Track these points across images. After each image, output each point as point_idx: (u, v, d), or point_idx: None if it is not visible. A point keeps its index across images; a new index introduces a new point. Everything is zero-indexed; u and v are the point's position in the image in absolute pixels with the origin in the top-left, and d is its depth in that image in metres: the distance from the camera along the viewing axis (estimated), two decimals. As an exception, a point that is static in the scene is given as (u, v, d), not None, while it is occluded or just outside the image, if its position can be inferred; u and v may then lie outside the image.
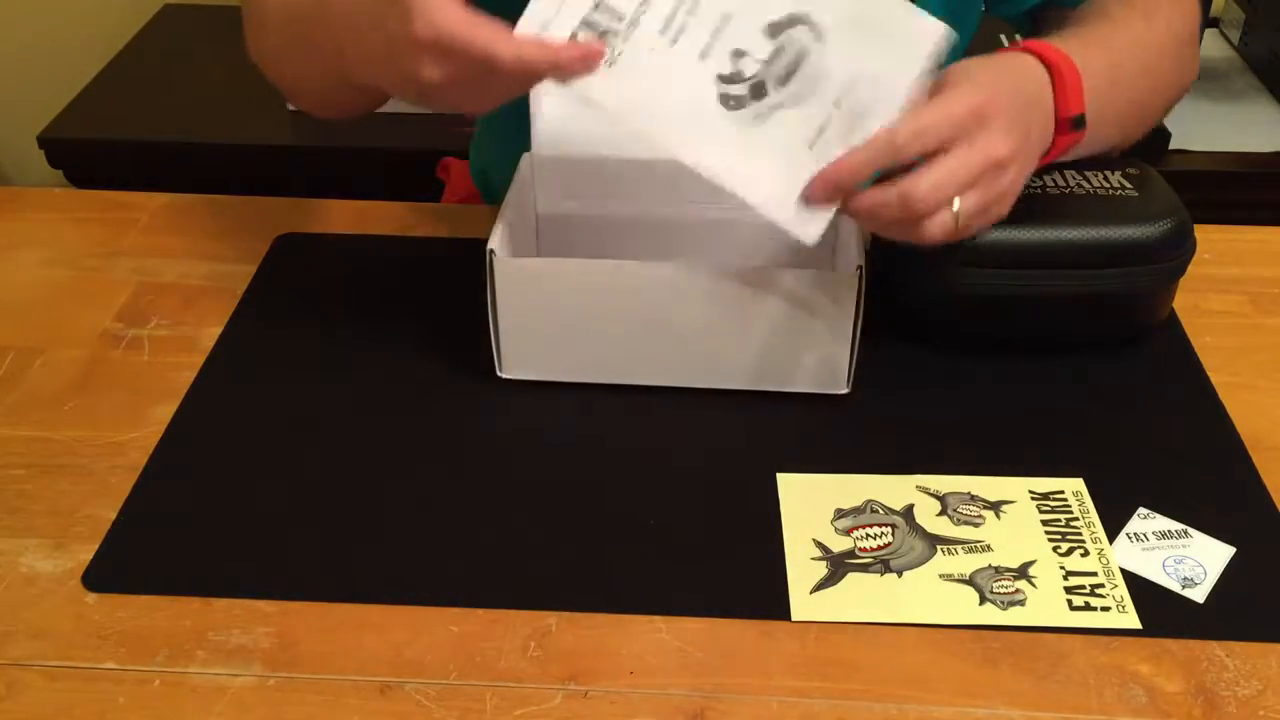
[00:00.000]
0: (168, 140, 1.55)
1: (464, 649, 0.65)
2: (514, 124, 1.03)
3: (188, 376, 0.83)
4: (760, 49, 0.68)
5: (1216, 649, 0.65)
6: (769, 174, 0.68)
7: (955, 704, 0.62)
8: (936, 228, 0.70)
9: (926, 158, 0.68)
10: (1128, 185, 0.84)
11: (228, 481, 0.75)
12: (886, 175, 0.69)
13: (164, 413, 0.80)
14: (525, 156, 0.88)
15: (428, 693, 0.63)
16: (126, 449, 0.77)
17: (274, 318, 0.89)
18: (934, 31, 0.67)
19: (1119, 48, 0.82)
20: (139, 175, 1.22)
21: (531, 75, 0.65)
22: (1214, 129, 1.55)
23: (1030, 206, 0.82)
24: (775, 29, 0.68)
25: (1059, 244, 0.80)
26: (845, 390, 0.81)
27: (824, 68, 0.68)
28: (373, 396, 0.81)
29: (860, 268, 0.75)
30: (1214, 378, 0.84)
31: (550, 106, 0.86)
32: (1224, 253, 0.97)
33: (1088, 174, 0.85)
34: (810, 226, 0.69)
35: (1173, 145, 1.50)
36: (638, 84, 0.67)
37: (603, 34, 0.66)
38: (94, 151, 1.56)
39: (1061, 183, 0.84)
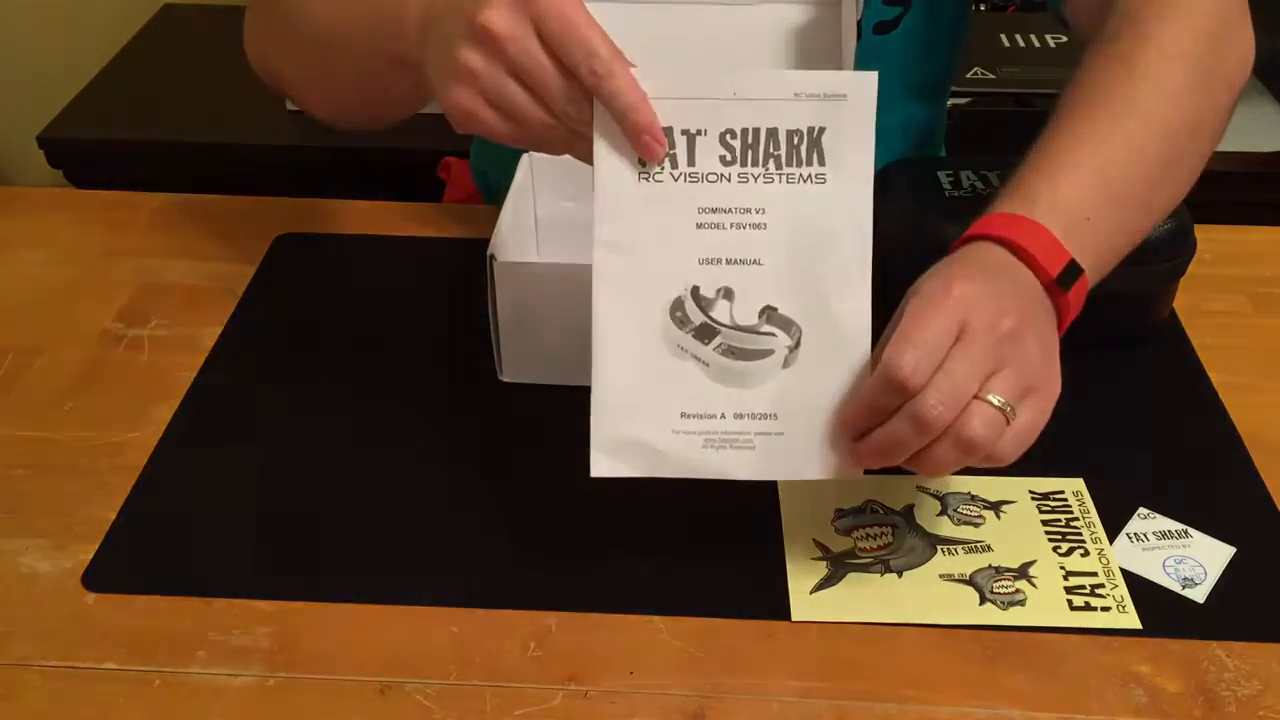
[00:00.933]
0: (168, 140, 1.55)
1: (464, 649, 0.65)
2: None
3: (188, 376, 0.83)
4: (745, 313, 0.62)
5: (1216, 649, 0.65)
6: (633, 389, 0.62)
7: (955, 704, 0.62)
8: (979, 427, 0.58)
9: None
10: None
11: (228, 481, 0.75)
12: None
13: (164, 413, 0.80)
14: (525, 157, 0.88)
15: (428, 693, 0.63)
16: (126, 449, 0.77)
17: (274, 318, 0.89)
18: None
19: (1109, 146, 0.67)
20: (139, 175, 1.22)
21: (606, 96, 0.59)
22: (1214, 129, 1.54)
23: None
24: (770, 314, 0.62)
25: None
26: None
27: (768, 385, 0.62)
28: (373, 397, 0.81)
29: None
30: (1214, 378, 0.84)
31: None
32: (1224, 253, 0.97)
33: None
34: (604, 458, 0.63)
35: (1173, 145, 1.50)
36: (636, 207, 0.62)
37: (669, 153, 0.61)
38: (94, 151, 1.56)
39: None
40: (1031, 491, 0.74)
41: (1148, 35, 0.71)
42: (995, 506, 0.73)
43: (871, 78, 0.62)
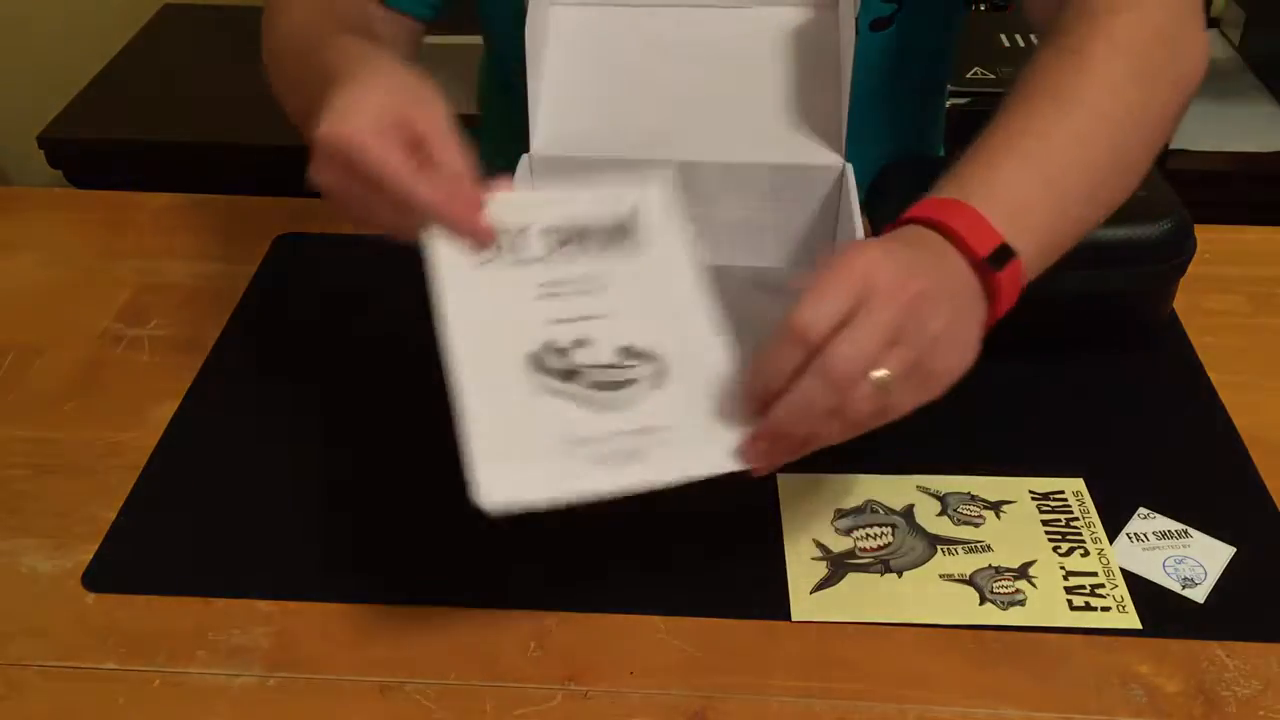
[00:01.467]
0: (168, 140, 1.55)
1: (464, 649, 0.65)
2: (514, 126, 1.02)
3: (188, 376, 0.83)
4: (603, 355, 0.64)
5: (1216, 649, 0.65)
6: (512, 429, 0.61)
7: (955, 704, 0.62)
8: (863, 402, 0.57)
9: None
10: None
11: (228, 481, 0.75)
12: None
13: (164, 413, 0.80)
14: (525, 157, 0.88)
15: (428, 693, 0.63)
16: (126, 449, 0.77)
17: (274, 318, 0.89)
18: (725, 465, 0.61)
19: (1052, 136, 0.67)
20: (139, 175, 1.22)
21: (420, 210, 0.65)
22: (1214, 129, 1.55)
23: None
24: (628, 351, 0.64)
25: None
26: None
27: (644, 405, 0.62)
28: (373, 396, 0.81)
29: None
30: (1214, 378, 0.84)
31: (549, 108, 0.86)
32: (1224, 253, 0.97)
33: None
34: (495, 492, 0.59)
35: (1173, 145, 1.50)
36: (477, 286, 0.65)
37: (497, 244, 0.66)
38: (94, 151, 1.56)
39: None
40: (1031, 491, 0.74)
41: (1099, 29, 0.70)
42: (995, 506, 0.73)
43: (660, 175, 0.69)
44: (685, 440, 0.62)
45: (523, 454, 0.61)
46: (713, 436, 0.61)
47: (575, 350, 0.64)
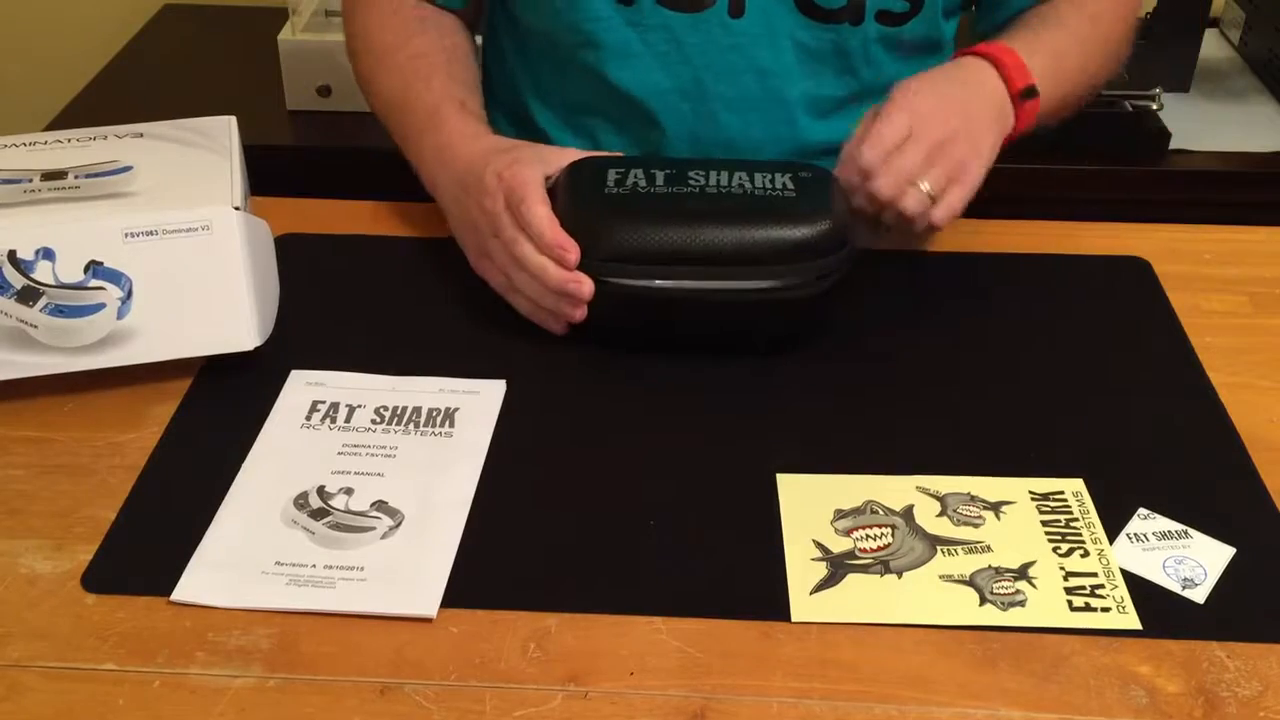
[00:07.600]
0: (168, 140, 1.55)
1: (464, 649, 0.65)
2: (512, 130, 1.04)
3: (188, 377, 0.83)
4: (360, 503, 0.73)
5: (1216, 649, 0.65)
6: (240, 543, 0.70)
7: (955, 704, 0.62)
8: (912, 203, 0.84)
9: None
10: (790, 188, 0.84)
11: (228, 482, 0.75)
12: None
13: (164, 413, 0.80)
14: None
15: (427, 693, 0.63)
16: (126, 449, 0.77)
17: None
18: None
19: (1062, 50, 0.96)
20: (139, 175, 1.22)
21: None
22: (1214, 129, 1.54)
23: (679, 206, 0.82)
24: (380, 505, 0.73)
25: (703, 244, 0.80)
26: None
27: (363, 550, 0.70)
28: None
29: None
30: (1214, 378, 0.84)
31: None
32: (1224, 253, 0.97)
33: (756, 175, 0.85)
34: (191, 586, 0.68)
35: (1173, 145, 1.50)
36: (294, 437, 0.78)
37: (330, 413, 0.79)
38: (94, 151, 1.56)
39: (724, 183, 0.84)
40: (1031, 492, 0.74)
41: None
42: (995, 507, 0.73)
43: (497, 386, 0.81)
44: (374, 582, 0.68)
45: (234, 566, 0.69)
46: (396, 584, 0.68)
47: (338, 495, 0.73)
